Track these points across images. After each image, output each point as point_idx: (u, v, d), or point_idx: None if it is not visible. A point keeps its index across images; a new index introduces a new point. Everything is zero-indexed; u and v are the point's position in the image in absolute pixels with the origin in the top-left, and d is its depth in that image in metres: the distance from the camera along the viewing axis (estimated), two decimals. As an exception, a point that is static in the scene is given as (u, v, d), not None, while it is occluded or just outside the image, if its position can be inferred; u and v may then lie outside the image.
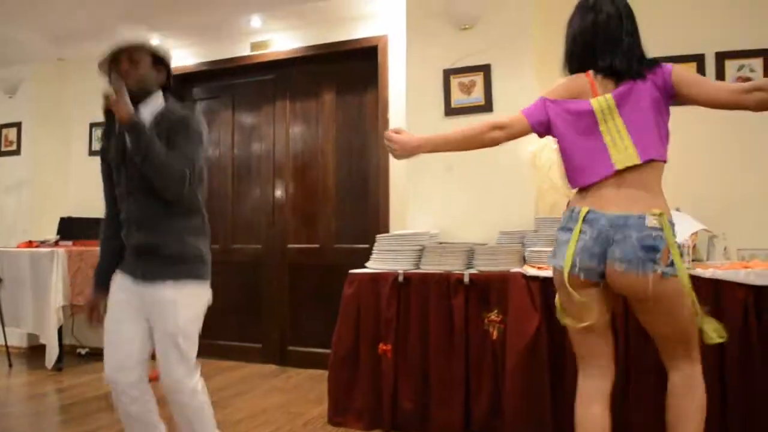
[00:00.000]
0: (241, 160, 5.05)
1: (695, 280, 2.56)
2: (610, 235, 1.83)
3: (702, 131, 3.27)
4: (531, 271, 2.90)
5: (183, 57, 5.07)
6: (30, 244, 4.88)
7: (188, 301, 2.13)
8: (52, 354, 4.38)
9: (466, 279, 3.00)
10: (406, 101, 3.91)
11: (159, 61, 2.24)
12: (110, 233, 2.26)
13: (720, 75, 3.37)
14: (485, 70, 3.68)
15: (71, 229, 4.86)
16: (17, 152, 5.42)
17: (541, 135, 2.10)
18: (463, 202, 3.66)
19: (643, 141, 1.88)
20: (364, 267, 3.37)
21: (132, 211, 2.14)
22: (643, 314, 1.96)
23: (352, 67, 4.57)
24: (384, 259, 3.28)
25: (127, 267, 2.18)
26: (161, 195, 2.07)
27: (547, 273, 2.87)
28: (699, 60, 3.41)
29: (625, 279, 1.83)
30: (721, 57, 3.37)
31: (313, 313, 4.66)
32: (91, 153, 5.33)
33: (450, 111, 3.76)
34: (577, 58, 2.06)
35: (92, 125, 5.36)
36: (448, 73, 3.77)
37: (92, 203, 4.99)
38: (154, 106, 2.18)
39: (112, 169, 2.21)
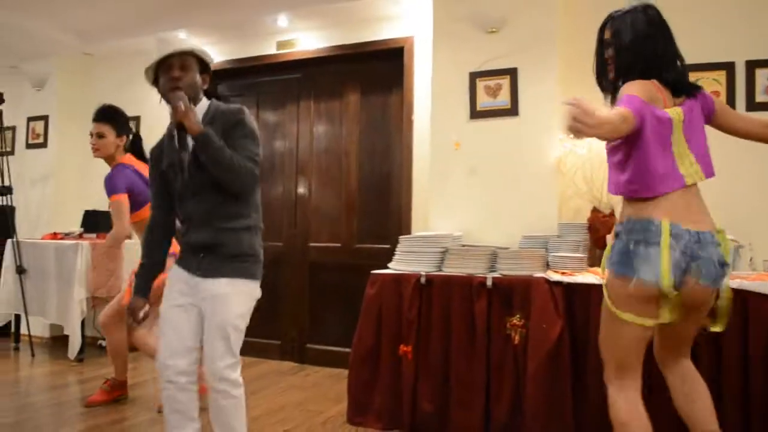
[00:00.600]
0: (265, 158, 5.06)
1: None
2: (694, 252, 1.87)
3: (729, 142, 3.23)
4: (555, 276, 2.89)
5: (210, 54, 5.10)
6: (55, 235, 4.95)
7: (240, 298, 2.21)
8: (75, 345, 4.45)
9: (489, 282, 3.00)
10: (432, 103, 3.91)
11: (205, 66, 2.31)
12: (158, 238, 2.38)
13: (750, 83, 3.34)
14: (512, 73, 3.68)
15: (95, 222, 4.92)
16: (44, 145, 5.50)
17: (619, 138, 1.92)
18: (486, 205, 3.66)
19: (703, 160, 1.99)
20: (387, 267, 3.38)
21: (193, 211, 2.23)
22: (686, 320, 2.00)
23: (377, 68, 4.58)
24: (407, 260, 3.29)
25: (184, 262, 2.28)
26: (233, 192, 2.17)
27: (572, 279, 2.87)
28: (729, 68, 3.37)
29: (703, 293, 1.93)
30: (752, 65, 3.34)
31: (333, 312, 4.68)
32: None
33: (476, 114, 3.76)
34: (644, 62, 2.01)
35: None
36: (474, 76, 3.77)
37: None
38: (200, 109, 2.25)
39: (167, 175, 2.28)
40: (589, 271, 3.05)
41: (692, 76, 3.33)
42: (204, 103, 2.28)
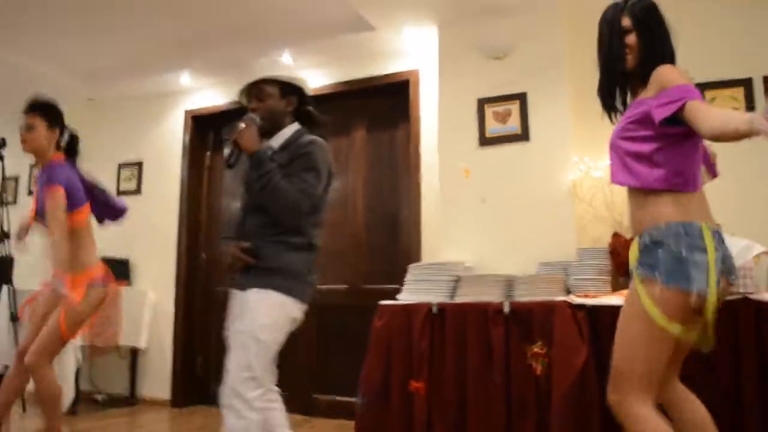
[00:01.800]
0: (268, 199, 4.97)
1: (762, 305, 2.37)
2: (726, 252, 1.78)
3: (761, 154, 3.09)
4: (577, 299, 2.68)
5: (213, 96, 5.08)
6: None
7: (267, 310, 2.14)
8: (68, 396, 4.18)
9: (506, 308, 2.79)
10: (439, 132, 3.81)
11: (289, 90, 2.35)
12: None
13: (770, 99, 3.21)
14: (521, 98, 3.57)
15: (95, 268, 4.76)
16: (45, 192, 5.41)
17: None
18: (500, 233, 3.48)
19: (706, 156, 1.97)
20: (395, 299, 3.17)
21: (245, 225, 2.29)
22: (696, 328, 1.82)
23: (383, 103, 4.50)
24: (417, 290, 3.09)
25: (231, 279, 2.32)
26: (276, 222, 2.21)
27: (595, 301, 2.65)
28: (746, 84, 3.25)
29: (729, 291, 1.86)
30: (770, 81, 3.22)
31: (341, 359, 4.42)
32: (119, 193, 5.27)
33: (485, 140, 3.64)
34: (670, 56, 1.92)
35: (120, 165, 5.34)
36: (482, 102, 3.67)
37: (118, 244, 4.94)
38: (284, 136, 2.32)
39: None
40: (614, 294, 2.83)
41: (709, 95, 3.28)
42: (288, 130, 2.34)
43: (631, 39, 1.92)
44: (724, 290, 1.75)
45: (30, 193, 5.57)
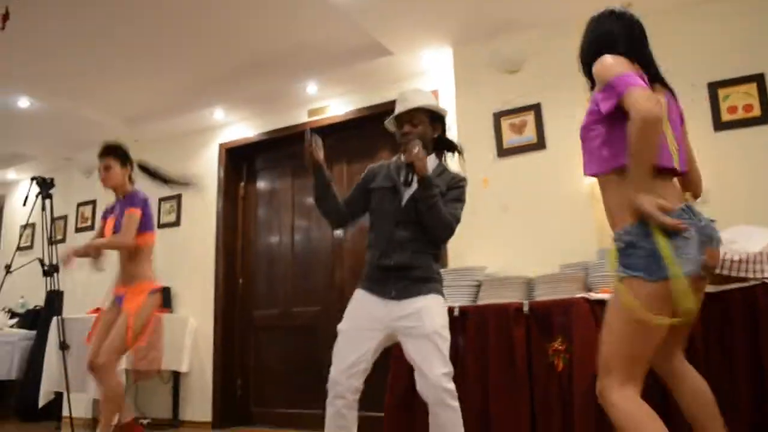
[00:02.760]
0: (300, 221, 5.14)
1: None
2: (703, 225, 1.84)
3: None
4: (596, 295, 2.72)
5: (245, 129, 5.32)
6: (98, 310, 5.00)
7: (439, 309, 2.39)
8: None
9: (526, 308, 2.84)
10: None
11: (436, 118, 2.57)
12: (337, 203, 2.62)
13: (783, 93, 3.23)
14: (536, 108, 3.68)
15: (137, 296, 4.96)
16: (91, 228, 5.71)
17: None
18: (521, 240, 3.55)
19: (680, 151, 1.94)
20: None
21: (395, 236, 2.45)
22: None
23: (406, 125, 4.63)
24: (439, 296, 3.16)
25: (375, 287, 2.45)
26: (431, 238, 2.43)
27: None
28: (759, 80, 3.28)
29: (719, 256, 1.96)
30: (783, 76, 3.25)
31: (375, 376, 4.45)
32: (160, 225, 5.51)
33: (503, 152, 3.74)
34: (624, 44, 1.97)
35: (161, 200, 5.60)
36: (498, 116, 3.78)
37: (159, 274, 5.13)
38: (431, 164, 2.50)
39: (371, 192, 2.58)
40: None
41: (722, 92, 3.32)
42: (433, 159, 2.56)
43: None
44: (711, 258, 1.81)
45: (77, 230, 5.88)
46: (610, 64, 1.85)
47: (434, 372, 2.24)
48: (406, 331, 2.34)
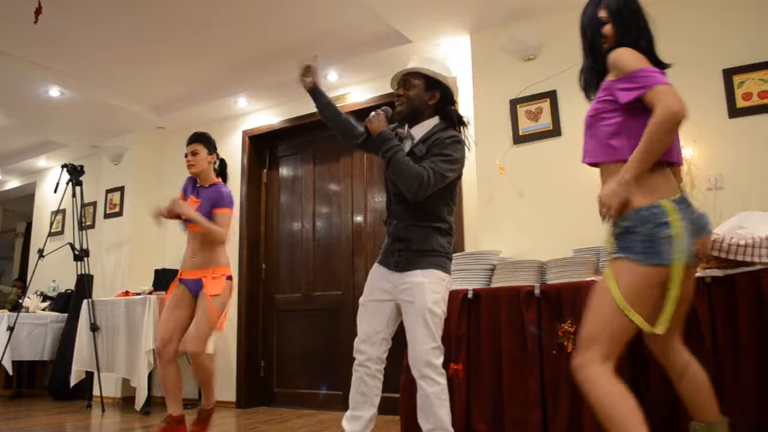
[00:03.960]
0: (321, 207, 5.24)
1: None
2: (696, 216, 1.97)
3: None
4: (605, 278, 2.77)
5: (268, 116, 5.44)
6: (126, 293, 5.19)
7: (434, 286, 2.38)
8: (141, 396, 4.53)
9: (537, 291, 2.91)
10: (475, 133, 3.96)
11: (434, 84, 2.50)
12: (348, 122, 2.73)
13: (800, 79, 3.23)
14: (551, 96, 3.71)
15: (165, 280, 5.12)
16: (120, 214, 5.88)
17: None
18: (537, 226, 3.61)
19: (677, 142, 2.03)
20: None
21: (393, 209, 2.53)
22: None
23: (424, 112, 4.69)
24: (455, 279, 3.23)
25: (384, 259, 2.55)
26: (404, 195, 2.39)
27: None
28: (775, 66, 3.28)
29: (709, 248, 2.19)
30: (800, 62, 3.24)
31: (394, 358, 4.56)
32: (185, 212, 5.67)
33: (519, 139, 3.79)
34: (646, 41, 2.02)
35: (186, 187, 5.75)
36: (514, 103, 3.83)
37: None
38: (425, 128, 2.50)
39: None
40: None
41: (737, 78, 3.32)
42: (429, 122, 2.51)
43: (607, 29, 2.05)
44: (704, 245, 1.93)
45: (106, 216, 6.05)
46: (631, 55, 1.89)
47: (420, 346, 2.30)
48: (403, 303, 2.41)
